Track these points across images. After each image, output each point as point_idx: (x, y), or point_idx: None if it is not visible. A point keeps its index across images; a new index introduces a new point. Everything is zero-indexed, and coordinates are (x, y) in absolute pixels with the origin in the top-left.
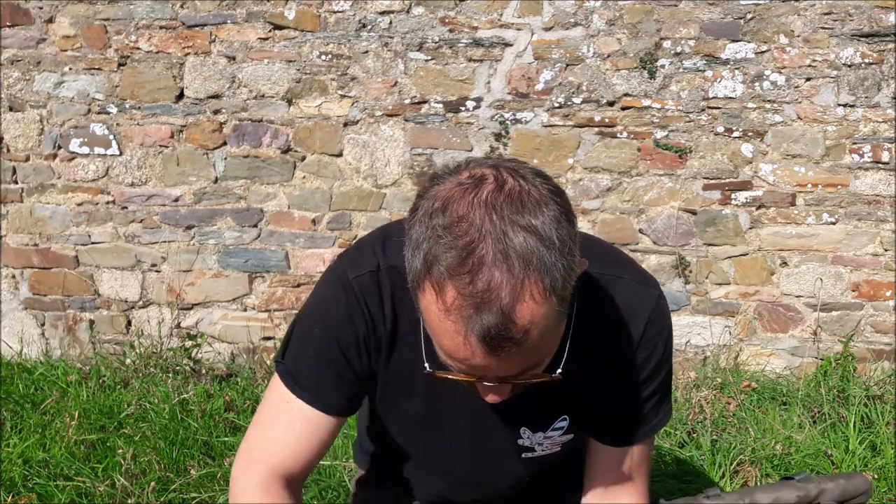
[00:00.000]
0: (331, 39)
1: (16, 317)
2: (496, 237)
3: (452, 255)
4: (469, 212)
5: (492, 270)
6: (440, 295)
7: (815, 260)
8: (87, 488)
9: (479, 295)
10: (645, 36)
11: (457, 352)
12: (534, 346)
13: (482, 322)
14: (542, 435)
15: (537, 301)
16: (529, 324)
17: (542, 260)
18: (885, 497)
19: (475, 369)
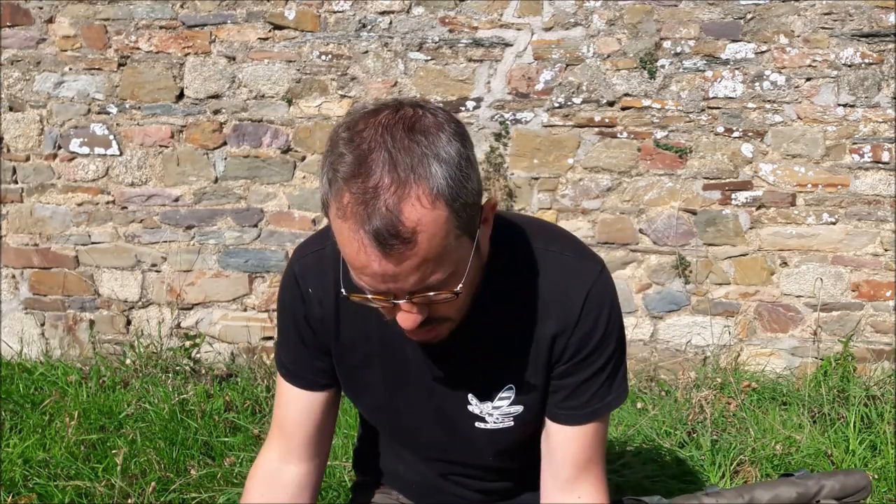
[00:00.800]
0: (331, 39)
1: (16, 317)
2: (387, 148)
3: (348, 161)
4: (365, 129)
5: (381, 174)
6: (339, 203)
7: (815, 260)
8: (87, 488)
9: (369, 193)
10: (645, 36)
11: (356, 257)
12: (426, 254)
13: (371, 220)
14: (490, 405)
15: (424, 205)
16: (416, 225)
17: (429, 169)
18: (885, 497)
19: (377, 280)
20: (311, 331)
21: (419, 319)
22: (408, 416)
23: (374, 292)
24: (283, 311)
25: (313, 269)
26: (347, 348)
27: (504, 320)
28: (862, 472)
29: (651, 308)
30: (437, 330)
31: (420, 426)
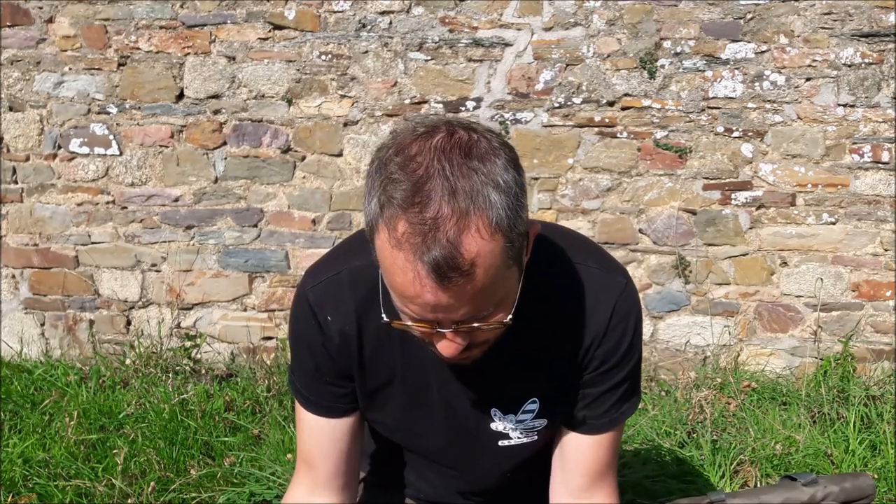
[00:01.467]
0: (331, 39)
1: (16, 317)
2: (444, 176)
3: (404, 188)
4: (419, 153)
5: (440, 204)
6: (392, 231)
7: (815, 260)
8: (87, 488)
9: (428, 224)
10: (645, 36)
11: (408, 287)
12: (482, 286)
13: (430, 252)
14: (514, 418)
15: (483, 236)
16: (476, 257)
17: (488, 198)
18: (885, 497)
19: (427, 309)
20: (329, 358)
21: (461, 348)
22: (428, 437)
23: (419, 321)
24: (298, 341)
25: (330, 296)
26: (369, 372)
27: (530, 334)
28: (867, 475)
29: (651, 308)
30: (473, 353)
31: (440, 447)
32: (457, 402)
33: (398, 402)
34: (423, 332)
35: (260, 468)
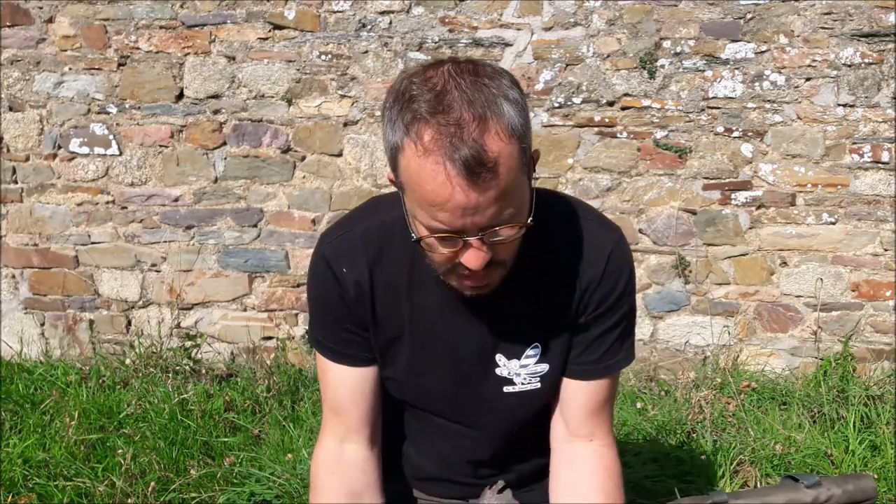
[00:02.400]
0: (331, 39)
1: (16, 317)
2: (461, 89)
3: (427, 99)
4: (434, 76)
5: (461, 111)
6: (419, 142)
7: (815, 260)
8: (87, 488)
9: (453, 128)
10: (645, 36)
11: (439, 192)
12: (505, 185)
13: (459, 151)
14: (518, 363)
15: (502, 139)
16: (498, 156)
17: (501, 107)
18: (885, 497)
19: (456, 213)
20: (347, 309)
21: (486, 258)
22: (436, 389)
23: (447, 231)
24: (317, 296)
25: (344, 250)
26: (381, 325)
27: (532, 280)
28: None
29: (651, 308)
30: (492, 276)
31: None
32: (463, 349)
33: (407, 356)
34: (450, 247)
35: (260, 468)
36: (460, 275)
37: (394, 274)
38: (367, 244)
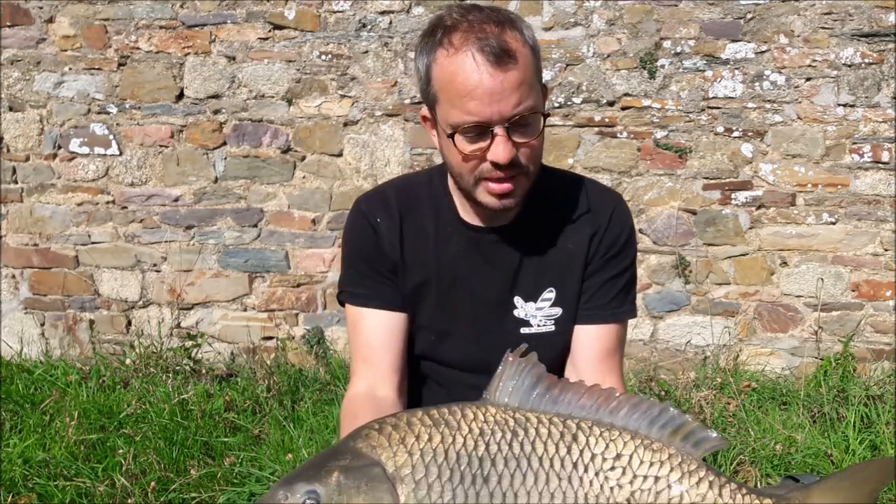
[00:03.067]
0: (331, 39)
1: (16, 317)
2: (483, 11)
3: (455, 13)
4: (459, 7)
5: (483, 20)
6: (449, 46)
7: (815, 260)
8: (87, 488)
9: (477, 28)
10: (645, 36)
11: (470, 77)
12: (524, 76)
13: (485, 41)
14: (534, 305)
15: (519, 41)
16: (516, 50)
17: (516, 23)
18: (885, 497)
19: (485, 101)
20: (381, 254)
21: (513, 152)
22: (457, 333)
23: (477, 122)
24: (353, 246)
25: (378, 203)
26: (410, 269)
27: (548, 226)
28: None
29: (651, 308)
30: (517, 183)
31: (469, 340)
32: (483, 292)
33: (433, 300)
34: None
35: (260, 468)
36: (487, 181)
37: (421, 225)
38: (399, 199)
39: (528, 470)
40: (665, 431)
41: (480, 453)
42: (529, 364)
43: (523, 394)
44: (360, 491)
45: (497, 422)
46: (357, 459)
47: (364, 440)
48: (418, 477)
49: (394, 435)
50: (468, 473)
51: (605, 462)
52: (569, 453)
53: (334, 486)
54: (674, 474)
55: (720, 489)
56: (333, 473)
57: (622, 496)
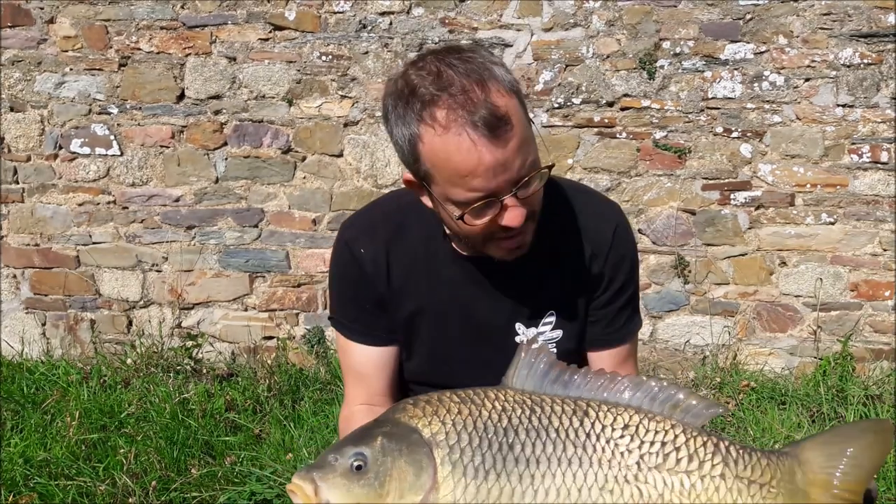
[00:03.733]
0: (331, 40)
1: (17, 316)
2: (453, 66)
3: (429, 82)
4: (424, 65)
5: (461, 81)
6: (435, 123)
7: (814, 260)
8: (88, 488)
9: (461, 97)
10: (644, 37)
11: (468, 159)
12: (521, 136)
13: (475, 114)
14: (535, 331)
15: (503, 94)
16: (507, 109)
17: (492, 70)
18: (885, 497)
19: (488, 175)
20: (367, 289)
21: (525, 213)
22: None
23: (483, 197)
24: (340, 280)
25: (362, 233)
26: (401, 299)
27: (546, 249)
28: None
29: (650, 308)
30: (527, 232)
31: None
32: (485, 319)
33: (430, 328)
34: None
35: (261, 467)
36: (499, 239)
37: (411, 251)
38: (385, 224)
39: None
40: (666, 406)
41: (504, 424)
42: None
43: (537, 379)
44: (402, 453)
45: (517, 401)
46: (397, 427)
47: (402, 412)
48: (452, 442)
49: (427, 408)
50: (495, 440)
51: (615, 432)
52: (581, 425)
53: (379, 449)
54: (679, 439)
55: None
56: (378, 438)
57: (632, 460)
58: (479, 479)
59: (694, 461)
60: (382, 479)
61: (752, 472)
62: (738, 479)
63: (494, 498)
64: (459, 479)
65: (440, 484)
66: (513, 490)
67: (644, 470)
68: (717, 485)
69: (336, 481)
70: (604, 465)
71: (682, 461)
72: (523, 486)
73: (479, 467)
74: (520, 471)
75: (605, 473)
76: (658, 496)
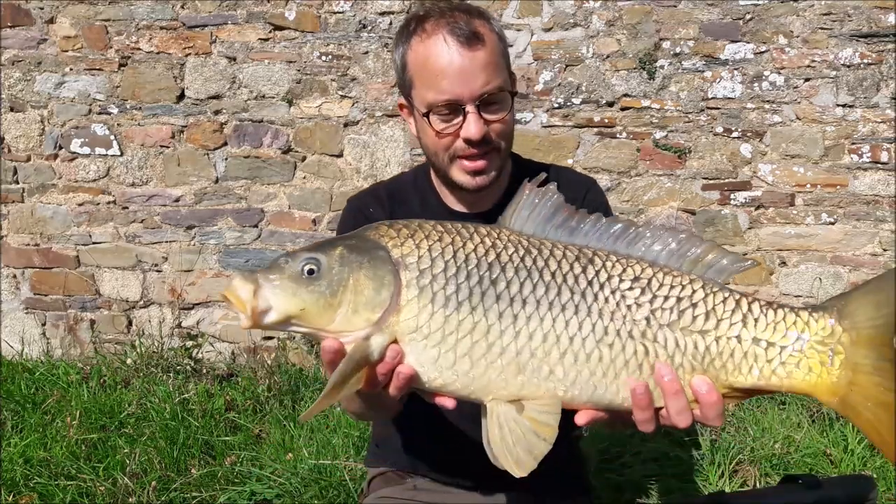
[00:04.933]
0: (331, 40)
1: (17, 317)
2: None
3: (426, 4)
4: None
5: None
6: (422, 33)
7: (814, 260)
8: (88, 488)
9: (447, 15)
10: (644, 37)
11: (441, 57)
12: (491, 58)
13: (454, 26)
14: None
15: (486, 28)
16: (484, 34)
17: (484, 14)
18: (885, 497)
19: (455, 81)
20: None
21: (484, 128)
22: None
23: (449, 100)
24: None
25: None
26: None
27: None
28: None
29: None
30: (490, 161)
31: None
32: None
33: None
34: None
35: (260, 467)
36: (461, 159)
37: (410, 214)
38: (388, 193)
39: (539, 280)
40: (685, 261)
41: (490, 259)
42: (549, 193)
43: (540, 222)
44: (362, 266)
45: (511, 241)
46: (364, 242)
47: (373, 230)
48: (424, 266)
49: (403, 230)
50: (475, 273)
51: (623, 283)
52: (584, 272)
53: (337, 258)
54: (697, 294)
55: (749, 304)
56: (338, 247)
57: (640, 314)
58: (450, 309)
59: (711, 319)
60: (335, 289)
61: (777, 333)
62: (757, 344)
63: (465, 331)
64: (426, 304)
65: (402, 306)
66: (489, 327)
67: (654, 327)
68: (734, 349)
69: (282, 283)
70: (605, 315)
71: (698, 319)
72: (502, 324)
73: (452, 297)
74: (500, 308)
75: (604, 325)
76: (667, 357)
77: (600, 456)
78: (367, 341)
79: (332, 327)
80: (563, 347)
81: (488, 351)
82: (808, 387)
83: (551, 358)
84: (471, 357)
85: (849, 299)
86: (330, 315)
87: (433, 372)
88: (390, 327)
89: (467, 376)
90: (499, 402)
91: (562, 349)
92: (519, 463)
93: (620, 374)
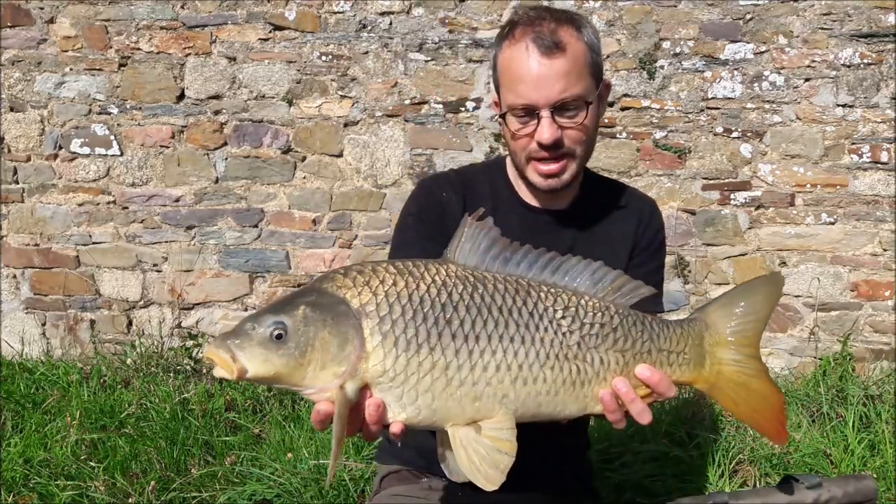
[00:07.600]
0: (331, 40)
1: (17, 316)
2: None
3: (523, 10)
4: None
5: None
6: (512, 39)
7: (814, 260)
8: (88, 488)
9: (536, 25)
10: (644, 37)
11: (521, 63)
12: (571, 67)
13: (538, 36)
14: None
15: (573, 36)
16: (567, 43)
17: (576, 22)
18: (885, 497)
19: (531, 86)
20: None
21: (557, 133)
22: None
23: (525, 107)
24: (416, 213)
25: (443, 181)
26: None
27: (598, 214)
28: (869, 477)
29: None
30: (564, 166)
31: None
32: None
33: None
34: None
35: (260, 467)
36: (536, 161)
37: (479, 201)
38: (460, 177)
39: (488, 316)
40: (606, 288)
41: (443, 300)
42: (486, 228)
43: (480, 255)
44: (326, 324)
45: (458, 276)
46: (323, 297)
47: (330, 282)
48: (383, 313)
49: (358, 278)
50: (431, 315)
51: (556, 312)
52: (525, 304)
53: (301, 319)
54: (615, 320)
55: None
56: (300, 307)
57: (573, 340)
58: (411, 352)
59: (628, 341)
60: (303, 350)
61: (671, 342)
62: (660, 352)
63: (426, 370)
64: (390, 349)
65: (369, 353)
66: (447, 364)
67: (584, 350)
68: (645, 359)
69: (253, 350)
70: (545, 343)
71: (619, 342)
72: (459, 359)
73: (412, 340)
74: (456, 346)
75: (546, 351)
76: (594, 373)
77: (600, 456)
78: (342, 390)
79: (305, 382)
80: (514, 374)
81: (448, 385)
82: (690, 378)
83: (504, 384)
84: (432, 392)
85: (710, 311)
86: (301, 373)
87: (397, 408)
88: (360, 374)
89: (430, 409)
90: (458, 427)
91: (513, 376)
92: (488, 478)
93: (559, 391)
